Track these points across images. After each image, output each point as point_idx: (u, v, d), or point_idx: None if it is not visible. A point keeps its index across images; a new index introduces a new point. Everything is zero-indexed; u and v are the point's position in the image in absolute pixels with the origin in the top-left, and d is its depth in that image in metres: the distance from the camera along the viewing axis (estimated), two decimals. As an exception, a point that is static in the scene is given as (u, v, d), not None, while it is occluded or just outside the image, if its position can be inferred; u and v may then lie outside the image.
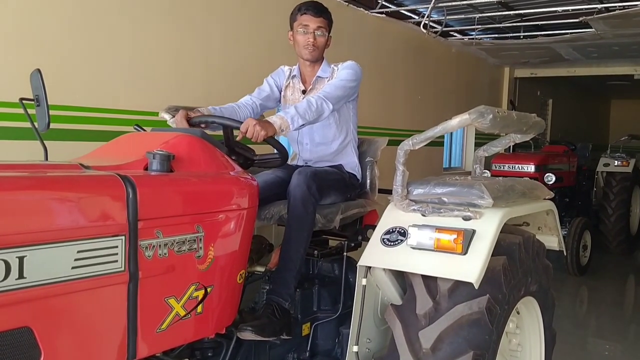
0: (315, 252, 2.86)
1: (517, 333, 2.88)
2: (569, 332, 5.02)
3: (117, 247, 1.73)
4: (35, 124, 2.33)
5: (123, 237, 1.75)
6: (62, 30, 3.80)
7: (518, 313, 2.86)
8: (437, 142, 8.75)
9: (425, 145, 2.41)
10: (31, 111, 2.35)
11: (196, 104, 3.27)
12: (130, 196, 1.76)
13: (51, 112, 2.27)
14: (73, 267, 1.63)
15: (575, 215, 7.54)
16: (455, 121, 2.34)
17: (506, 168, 7.67)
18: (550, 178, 7.41)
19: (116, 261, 1.74)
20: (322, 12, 2.88)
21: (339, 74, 2.88)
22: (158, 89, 4.34)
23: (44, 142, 2.37)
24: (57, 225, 1.60)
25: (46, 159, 2.36)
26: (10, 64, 3.53)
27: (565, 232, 6.84)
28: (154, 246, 1.84)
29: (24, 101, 2.46)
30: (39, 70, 2.29)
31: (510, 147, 9.53)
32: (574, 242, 6.92)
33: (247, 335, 2.40)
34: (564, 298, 6.32)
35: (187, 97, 4.30)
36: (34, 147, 2.49)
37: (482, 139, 9.26)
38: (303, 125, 2.60)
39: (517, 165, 7.68)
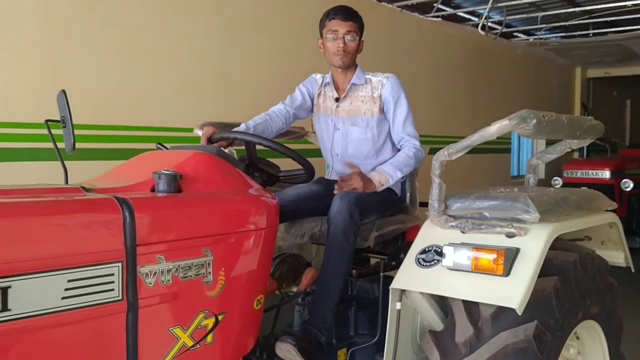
0: (353, 271, 2.68)
1: (578, 360, 2.59)
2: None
3: (113, 274, 1.63)
4: (60, 145, 2.30)
5: (120, 264, 1.64)
6: (100, 49, 3.81)
7: (578, 338, 2.57)
8: (504, 149, 8.35)
9: (490, 153, 2.21)
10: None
11: (241, 119, 3.16)
12: (127, 220, 1.65)
13: (81, 132, 2.24)
14: (63, 297, 1.53)
15: (657, 226, 6.99)
16: (494, 127, 2.15)
17: (579, 174, 7.28)
18: (628, 184, 6.93)
19: (112, 289, 1.63)
20: (351, 16, 2.74)
21: (400, 104, 2.76)
22: (204, 105, 4.29)
23: (64, 162, 2.33)
24: (45, 253, 1.51)
25: (66, 181, 2.31)
26: (32, 84, 3.54)
27: (644, 245, 6.32)
28: (155, 272, 1.72)
29: (49, 122, 2.44)
30: (64, 91, 2.27)
31: (584, 152, 8.92)
32: (654, 255, 6.37)
33: (285, 349, 2.26)
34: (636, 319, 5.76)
35: (231, 113, 4.22)
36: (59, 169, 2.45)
37: (552, 143, 8.78)
38: (403, 176, 2.70)
39: (590, 171, 7.26)
